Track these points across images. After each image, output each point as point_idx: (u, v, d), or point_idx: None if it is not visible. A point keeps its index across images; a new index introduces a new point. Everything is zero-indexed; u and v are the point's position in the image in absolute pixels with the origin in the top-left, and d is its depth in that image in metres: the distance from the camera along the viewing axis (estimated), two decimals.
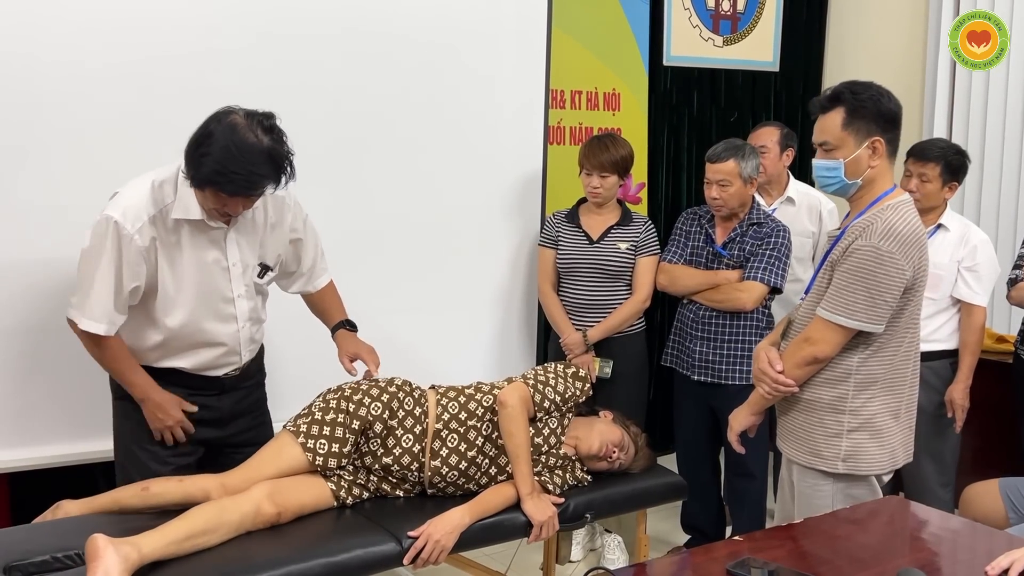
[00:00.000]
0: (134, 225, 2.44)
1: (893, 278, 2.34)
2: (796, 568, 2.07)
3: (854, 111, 2.38)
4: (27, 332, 2.83)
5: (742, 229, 3.48)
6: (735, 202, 3.44)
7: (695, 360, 3.52)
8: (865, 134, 2.39)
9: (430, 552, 2.51)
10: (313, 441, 2.61)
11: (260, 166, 2.35)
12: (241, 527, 2.40)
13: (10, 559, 2.24)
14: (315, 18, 3.21)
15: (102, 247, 2.44)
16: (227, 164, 2.32)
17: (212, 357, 2.63)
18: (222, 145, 2.32)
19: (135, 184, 2.50)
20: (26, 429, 2.86)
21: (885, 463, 2.45)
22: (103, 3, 2.86)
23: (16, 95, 2.76)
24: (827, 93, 2.44)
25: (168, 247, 2.49)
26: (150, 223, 2.45)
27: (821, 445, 2.44)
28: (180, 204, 2.47)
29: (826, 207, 4.00)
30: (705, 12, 4.99)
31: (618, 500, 2.91)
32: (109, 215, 2.44)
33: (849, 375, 2.42)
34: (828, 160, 2.42)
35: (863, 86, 2.42)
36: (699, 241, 3.56)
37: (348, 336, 2.87)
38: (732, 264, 3.47)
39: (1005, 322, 4.52)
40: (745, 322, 3.46)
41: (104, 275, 2.45)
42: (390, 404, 2.70)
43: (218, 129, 2.34)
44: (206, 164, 2.33)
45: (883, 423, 2.43)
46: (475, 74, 3.60)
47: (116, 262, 2.44)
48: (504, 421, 2.70)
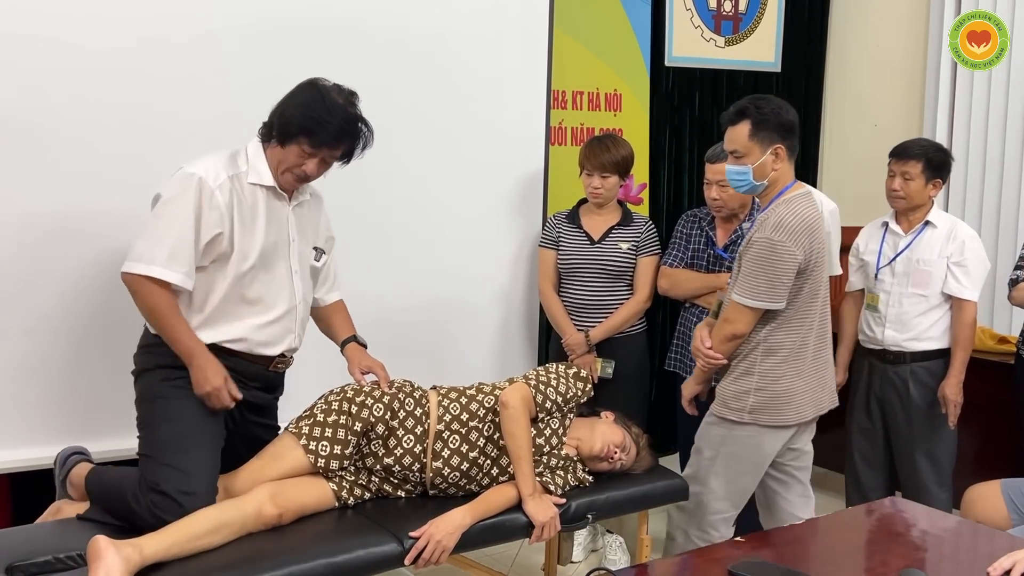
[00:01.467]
0: (215, 181, 2.49)
1: (786, 263, 2.74)
2: (796, 568, 2.07)
3: (758, 123, 2.76)
4: (27, 332, 2.83)
5: (743, 231, 3.47)
6: (735, 203, 3.44)
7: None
8: (768, 142, 2.77)
9: (431, 552, 2.51)
10: (315, 443, 2.61)
11: (347, 123, 2.53)
12: (243, 528, 2.40)
13: (12, 559, 2.24)
14: (315, 18, 3.21)
15: (185, 198, 2.46)
16: (319, 112, 2.48)
17: (272, 325, 2.63)
18: (312, 97, 2.50)
19: (204, 156, 2.56)
20: (26, 429, 2.86)
21: (790, 417, 2.88)
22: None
23: (17, 97, 2.75)
24: (734, 108, 2.82)
25: (243, 209, 2.54)
26: (229, 182, 2.52)
27: (730, 399, 2.89)
28: (253, 170, 2.56)
29: (827, 208, 3.98)
30: (707, 13, 4.99)
31: (620, 501, 2.90)
32: (191, 171, 2.48)
33: (758, 345, 2.85)
34: (738, 166, 2.81)
35: (765, 100, 2.80)
36: (700, 244, 3.55)
37: (359, 350, 2.88)
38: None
39: (1007, 323, 4.51)
40: None
41: (184, 225, 2.46)
42: (391, 405, 2.71)
43: (306, 88, 2.54)
44: (296, 112, 2.49)
45: (789, 384, 2.86)
46: (477, 75, 3.60)
47: (197, 213, 2.46)
48: (506, 422, 2.70)
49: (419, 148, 3.49)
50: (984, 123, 4.80)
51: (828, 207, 3.99)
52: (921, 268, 3.55)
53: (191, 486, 2.40)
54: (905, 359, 3.59)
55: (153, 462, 2.44)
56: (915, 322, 3.56)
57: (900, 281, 3.58)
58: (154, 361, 2.55)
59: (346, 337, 2.89)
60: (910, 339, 3.57)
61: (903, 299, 3.57)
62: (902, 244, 3.60)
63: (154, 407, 2.52)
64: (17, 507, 3.09)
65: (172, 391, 2.51)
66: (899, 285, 3.58)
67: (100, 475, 2.57)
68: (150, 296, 2.48)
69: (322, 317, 2.93)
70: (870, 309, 3.67)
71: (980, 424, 3.70)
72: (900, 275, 3.58)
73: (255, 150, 2.59)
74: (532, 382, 2.79)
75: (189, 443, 2.47)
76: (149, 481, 2.39)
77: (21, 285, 2.81)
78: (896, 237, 3.62)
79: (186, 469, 2.42)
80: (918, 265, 3.55)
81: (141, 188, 2.91)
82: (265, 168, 2.58)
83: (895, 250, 3.61)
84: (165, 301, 2.48)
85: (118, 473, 2.54)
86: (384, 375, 2.81)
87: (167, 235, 2.46)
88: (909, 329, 3.57)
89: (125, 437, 2.92)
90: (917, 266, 3.54)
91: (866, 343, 3.71)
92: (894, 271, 3.59)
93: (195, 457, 2.46)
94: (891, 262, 3.60)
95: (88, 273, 2.89)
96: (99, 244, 2.89)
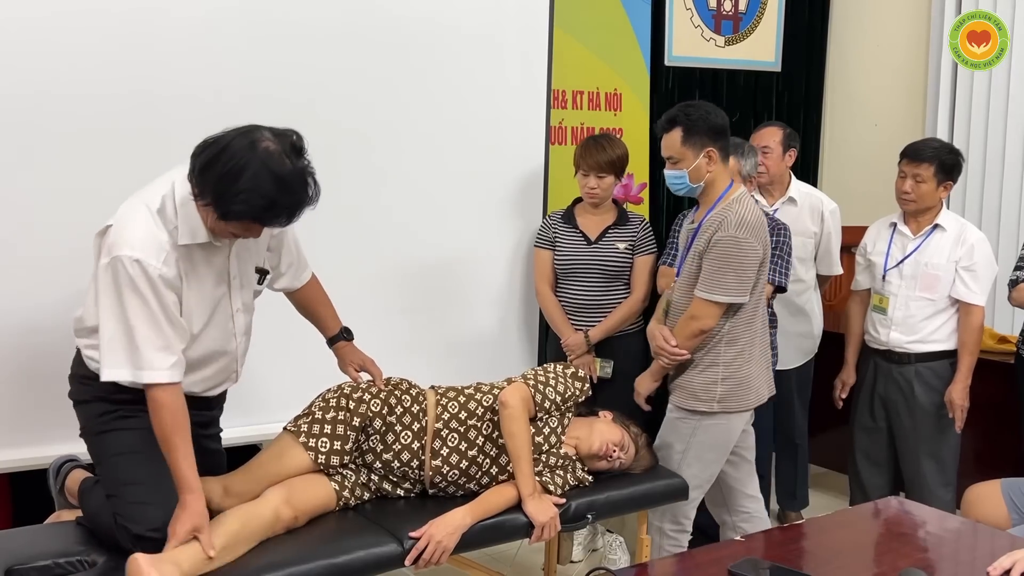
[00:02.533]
0: (158, 258, 2.25)
1: (751, 258, 2.90)
2: (796, 568, 2.07)
3: (689, 129, 2.90)
4: (27, 332, 2.83)
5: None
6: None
7: None
8: (700, 146, 2.91)
9: (432, 553, 2.51)
10: (315, 440, 2.61)
11: (301, 194, 2.23)
12: (264, 533, 2.40)
13: (12, 562, 2.24)
14: (315, 17, 3.21)
15: (132, 291, 2.23)
16: (276, 198, 2.18)
17: (214, 373, 2.52)
18: (264, 179, 2.16)
19: (129, 215, 2.29)
20: (26, 429, 2.85)
21: (751, 400, 3.04)
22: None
23: (16, 96, 2.75)
24: (665, 117, 2.96)
25: (186, 272, 2.33)
26: (173, 251, 2.28)
27: (700, 391, 3.00)
28: (185, 229, 2.30)
29: (828, 207, 3.99)
30: (707, 12, 4.99)
31: (619, 501, 2.90)
32: (128, 255, 2.21)
33: (722, 338, 2.98)
34: (675, 171, 2.96)
35: (694, 107, 2.95)
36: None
37: (349, 347, 2.84)
38: None
39: (1007, 323, 4.51)
40: None
41: (147, 318, 2.24)
42: (388, 400, 2.71)
43: (253, 160, 2.16)
44: (249, 200, 2.16)
45: (748, 371, 3.01)
46: (476, 74, 3.60)
47: (156, 301, 2.25)
48: (505, 421, 2.70)
49: (418, 148, 3.49)
50: (984, 123, 4.80)
51: (828, 207, 4.00)
52: (929, 272, 3.53)
53: (160, 519, 2.28)
54: (910, 360, 3.59)
55: (119, 501, 2.35)
56: (921, 325, 3.55)
57: (908, 284, 3.57)
58: (91, 392, 2.44)
59: (333, 334, 2.84)
60: (915, 341, 3.56)
61: (910, 302, 3.56)
62: (910, 247, 3.58)
63: (103, 442, 2.42)
64: (17, 507, 3.09)
65: (114, 422, 2.41)
66: (906, 288, 3.57)
67: (85, 494, 2.51)
68: (172, 405, 2.28)
69: (301, 303, 2.81)
70: (878, 311, 3.66)
71: (980, 424, 3.70)
72: (908, 278, 3.57)
73: (182, 200, 2.29)
74: (531, 382, 2.79)
75: (146, 474, 2.35)
76: (121, 522, 2.31)
77: (21, 285, 2.81)
78: (904, 239, 3.61)
79: (151, 502, 2.31)
80: (926, 269, 3.53)
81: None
82: (199, 224, 2.30)
83: (903, 252, 3.60)
84: (182, 413, 2.30)
85: (97, 500, 2.45)
86: (377, 371, 2.80)
87: (130, 339, 2.24)
88: (915, 332, 3.56)
89: None
90: (925, 270, 3.53)
91: (871, 343, 3.71)
92: (902, 273, 3.59)
93: (156, 487, 2.33)
94: (899, 264, 3.59)
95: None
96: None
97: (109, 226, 2.31)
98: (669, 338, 3.00)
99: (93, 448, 2.48)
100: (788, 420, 4.09)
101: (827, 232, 3.99)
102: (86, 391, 2.45)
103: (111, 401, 2.40)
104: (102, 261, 2.27)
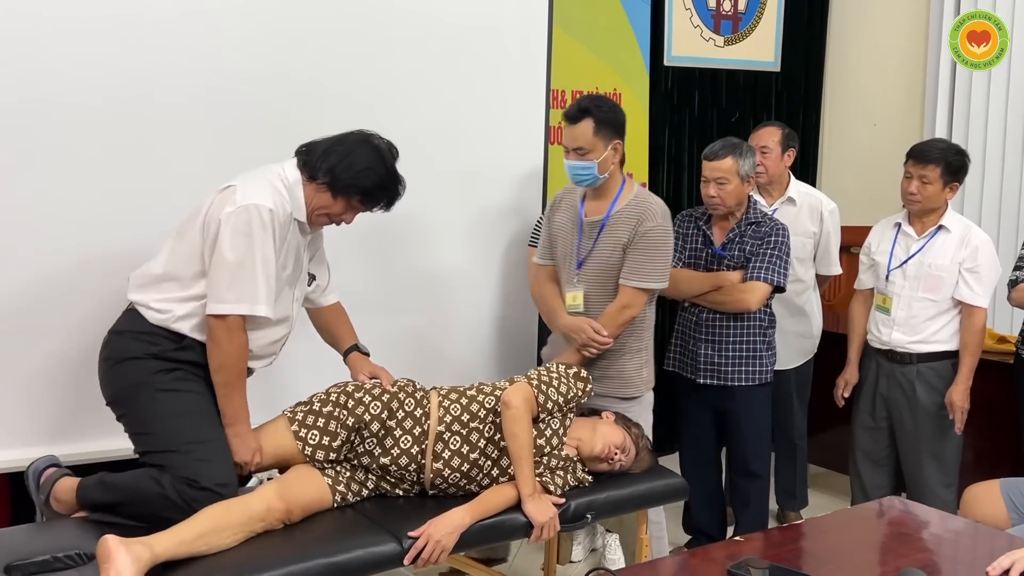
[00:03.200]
0: (283, 216, 2.52)
1: (671, 244, 3.13)
2: (796, 568, 2.07)
3: (600, 121, 2.98)
4: (27, 332, 2.83)
5: (740, 229, 3.46)
6: (732, 200, 3.43)
7: (700, 363, 3.50)
8: (608, 139, 3.00)
9: (431, 552, 2.50)
10: (306, 431, 2.62)
11: (401, 187, 2.68)
12: (250, 525, 2.40)
13: (11, 559, 2.24)
14: (314, 17, 3.21)
15: (266, 235, 2.47)
16: (384, 180, 2.61)
17: (270, 347, 2.68)
18: (375, 160, 2.60)
19: (255, 181, 2.53)
20: (26, 429, 2.86)
21: (653, 376, 3.27)
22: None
23: (15, 96, 2.75)
24: (575, 107, 3.03)
25: (289, 241, 2.58)
26: (290, 215, 2.56)
27: (632, 377, 3.15)
28: (295, 205, 2.58)
29: (827, 207, 3.99)
30: (706, 12, 5.00)
31: (619, 500, 2.90)
32: (263, 203, 2.47)
33: (642, 321, 3.16)
34: (583, 161, 3.02)
35: (602, 100, 3.08)
36: (697, 243, 3.55)
37: (362, 359, 2.90)
38: (732, 265, 3.45)
39: (1007, 322, 4.51)
40: (748, 323, 3.46)
41: (270, 260, 2.49)
42: (390, 404, 2.70)
43: (369, 149, 2.61)
44: (365, 177, 2.58)
45: (650, 348, 3.24)
46: (476, 74, 3.60)
47: (276, 248, 2.50)
48: (507, 422, 2.69)
49: (418, 147, 3.47)
50: (984, 123, 4.79)
51: (827, 207, 3.99)
52: (933, 273, 3.53)
53: (227, 477, 2.46)
54: (913, 360, 3.59)
55: (183, 458, 2.43)
56: (924, 326, 3.55)
57: (911, 284, 3.57)
58: (143, 349, 2.52)
59: (348, 347, 2.91)
60: (917, 342, 3.56)
61: (912, 303, 3.56)
62: (914, 247, 3.58)
63: (160, 400, 2.50)
64: (17, 507, 3.09)
65: (176, 383, 2.52)
66: (909, 288, 3.57)
67: (104, 481, 2.53)
68: (237, 339, 2.51)
69: (323, 324, 2.94)
70: (881, 311, 3.66)
71: (980, 423, 3.70)
72: (911, 278, 3.56)
73: (295, 181, 2.59)
74: (534, 382, 2.79)
75: (211, 434, 2.50)
76: (184, 478, 2.40)
77: (21, 285, 2.81)
78: (908, 239, 3.60)
79: (216, 460, 2.46)
80: (930, 270, 3.53)
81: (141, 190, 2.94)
82: (302, 203, 2.60)
83: (907, 253, 3.59)
84: (244, 351, 2.54)
85: (126, 477, 2.51)
86: (389, 378, 2.83)
87: (251, 274, 2.47)
88: (917, 332, 3.56)
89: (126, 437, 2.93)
90: (929, 271, 3.52)
91: (873, 342, 3.71)
92: (905, 274, 3.58)
93: (220, 447, 2.50)
94: (902, 264, 3.59)
95: (88, 273, 2.89)
96: (99, 245, 2.89)
97: (230, 186, 2.53)
98: (600, 329, 3.05)
99: (143, 404, 2.52)
100: (788, 420, 4.09)
101: (826, 232, 3.98)
102: (137, 347, 2.53)
103: (170, 360, 2.52)
104: (227, 209, 2.47)
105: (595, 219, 3.13)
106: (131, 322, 2.57)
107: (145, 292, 2.57)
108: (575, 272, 3.17)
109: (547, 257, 3.30)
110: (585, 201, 3.18)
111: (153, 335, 2.53)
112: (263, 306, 2.50)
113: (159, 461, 2.46)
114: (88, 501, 2.53)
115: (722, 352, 3.47)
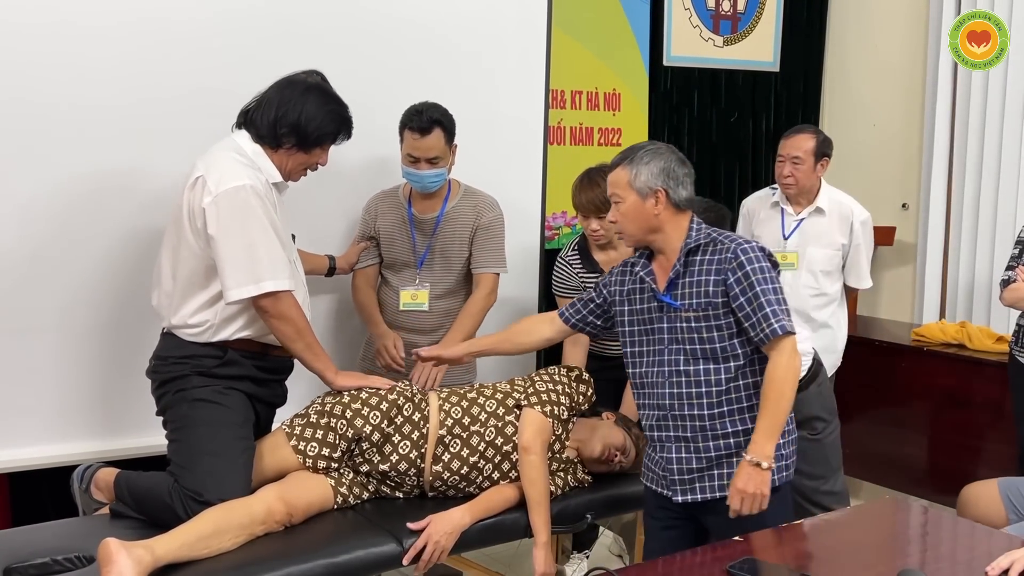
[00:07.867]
0: (263, 188, 2.50)
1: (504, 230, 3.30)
2: (796, 568, 2.07)
3: (446, 130, 3.10)
4: (27, 331, 2.83)
5: (680, 265, 2.48)
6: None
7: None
8: (450, 144, 3.15)
9: (430, 553, 2.51)
10: (304, 444, 2.61)
11: (350, 114, 2.66)
12: (252, 528, 2.39)
13: (10, 561, 2.24)
14: (314, 16, 3.21)
15: (250, 210, 2.45)
16: (342, 112, 2.60)
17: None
18: (330, 101, 2.59)
19: (219, 162, 2.49)
20: (26, 429, 2.86)
21: None
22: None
23: (14, 94, 2.75)
24: (427, 118, 3.06)
25: (276, 205, 2.57)
26: (267, 183, 2.54)
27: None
28: (267, 171, 2.56)
29: (859, 218, 3.73)
30: (705, 12, 5.00)
31: (619, 500, 2.91)
32: (237, 183, 2.43)
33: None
34: (437, 169, 3.11)
35: (439, 107, 3.12)
36: (644, 297, 2.56)
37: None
38: (692, 314, 2.45)
39: (1005, 323, 4.51)
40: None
41: (266, 233, 2.47)
42: (388, 412, 2.68)
43: (315, 94, 2.57)
44: (329, 120, 2.57)
45: None
46: (475, 74, 3.59)
47: (269, 217, 2.48)
48: (526, 468, 2.67)
49: None
50: (983, 123, 4.79)
51: (860, 217, 3.74)
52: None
53: (233, 493, 2.42)
54: None
55: (191, 470, 2.43)
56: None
57: None
58: (189, 368, 2.53)
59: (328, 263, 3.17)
60: None
61: None
62: None
63: (194, 409, 2.51)
64: (17, 507, 3.09)
65: (215, 395, 2.52)
66: None
67: (129, 478, 2.55)
68: (290, 303, 2.52)
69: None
70: None
71: (978, 423, 3.71)
72: None
73: (254, 152, 2.56)
74: (547, 408, 2.75)
75: (226, 447, 2.48)
76: (190, 493, 2.40)
77: (21, 284, 2.81)
78: None
79: (225, 474, 2.44)
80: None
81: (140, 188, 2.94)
82: (271, 167, 2.57)
83: None
84: (301, 309, 2.55)
85: (148, 479, 2.52)
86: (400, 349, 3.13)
87: (253, 253, 2.45)
88: None
89: (126, 436, 2.94)
90: None
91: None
92: None
93: (232, 461, 2.47)
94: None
95: (88, 272, 2.89)
96: (99, 243, 2.90)
97: (198, 178, 2.47)
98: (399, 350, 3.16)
99: (180, 411, 2.54)
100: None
101: (856, 244, 3.75)
102: (182, 368, 2.54)
103: (211, 376, 2.53)
104: (206, 200, 2.43)
105: (429, 216, 3.20)
106: (171, 348, 2.57)
107: (177, 313, 2.54)
108: (416, 271, 3.22)
109: (369, 260, 3.29)
110: (413, 202, 3.23)
111: (195, 357, 2.53)
112: (270, 282, 2.46)
113: (173, 470, 2.47)
114: (118, 491, 2.56)
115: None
